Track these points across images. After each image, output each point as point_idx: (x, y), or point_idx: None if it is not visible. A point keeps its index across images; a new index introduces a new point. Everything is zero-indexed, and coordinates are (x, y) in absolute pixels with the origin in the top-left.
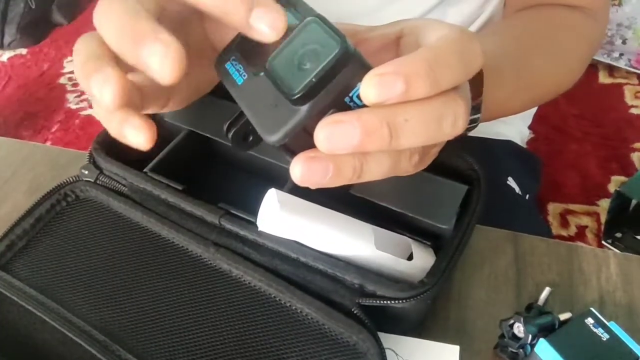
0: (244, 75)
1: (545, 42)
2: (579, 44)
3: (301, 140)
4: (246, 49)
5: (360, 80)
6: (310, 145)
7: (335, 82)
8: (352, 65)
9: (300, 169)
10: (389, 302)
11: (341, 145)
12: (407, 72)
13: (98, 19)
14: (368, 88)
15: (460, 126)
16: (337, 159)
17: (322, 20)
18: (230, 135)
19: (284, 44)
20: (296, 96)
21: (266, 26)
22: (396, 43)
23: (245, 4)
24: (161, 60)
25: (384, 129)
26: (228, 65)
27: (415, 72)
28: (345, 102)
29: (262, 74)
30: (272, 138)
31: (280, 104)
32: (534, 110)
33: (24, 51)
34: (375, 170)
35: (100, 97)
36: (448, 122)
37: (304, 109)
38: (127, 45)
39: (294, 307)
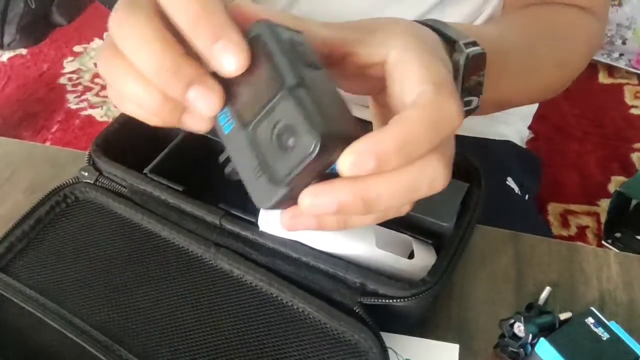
0: (231, 123)
1: (549, 34)
2: (580, 40)
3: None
4: (232, 91)
5: (340, 153)
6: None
7: (317, 165)
8: (330, 147)
9: (287, 223)
10: (390, 300)
11: (322, 211)
12: (379, 151)
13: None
14: (343, 165)
15: (439, 185)
16: (321, 217)
17: (300, 90)
18: (226, 170)
19: (263, 113)
20: (279, 184)
21: (226, 60)
22: (381, 65)
23: (211, 32)
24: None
25: (357, 202)
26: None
27: (386, 150)
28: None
29: (249, 129)
30: (263, 206)
31: (265, 171)
32: (534, 110)
33: (23, 51)
34: (360, 222)
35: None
36: (424, 186)
37: (288, 187)
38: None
39: (295, 307)
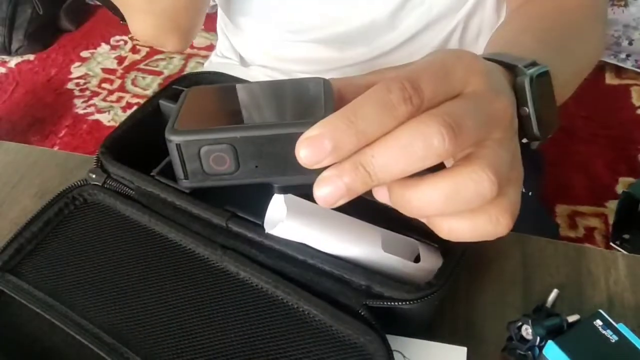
0: None
1: (574, 28)
2: (596, 22)
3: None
4: None
5: None
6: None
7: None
8: None
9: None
10: (396, 303)
11: (336, 198)
12: (330, 130)
13: None
14: (301, 153)
15: (436, 145)
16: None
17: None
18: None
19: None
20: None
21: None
22: None
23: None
24: None
25: (359, 169)
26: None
27: (335, 127)
28: None
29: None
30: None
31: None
32: None
33: (31, 57)
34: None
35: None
36: (418, 146)
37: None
38: None
39: (301, 309)
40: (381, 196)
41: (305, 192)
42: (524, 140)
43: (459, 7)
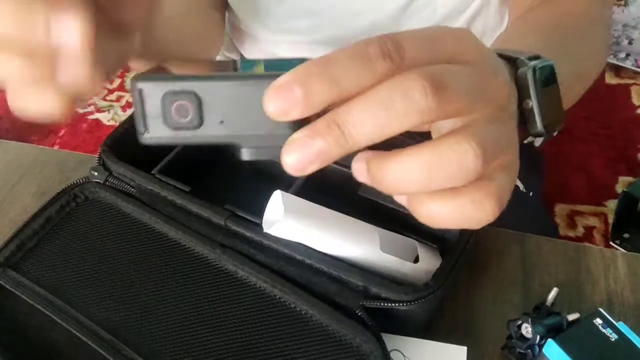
0: None
1: (577, 32)
2: (601, 27)
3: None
4: None
5: None
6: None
7: None
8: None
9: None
10: (393, 304)
11: (305, 163)
12: (301, 75)
13: None
14: (268, 102)
15: (417, 98)
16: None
17: None
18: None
19: None
20: None
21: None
22: None
23: None
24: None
25: (333, 128)
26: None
27: (307, 72)
28: None
29: None
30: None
31: None
32: None
33: None
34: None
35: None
36: (398, 99)
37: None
38: None
39: (298, 309)
40: (361, 175)
41: (275, 156)
42: (529, 139)
43: (463, 8)
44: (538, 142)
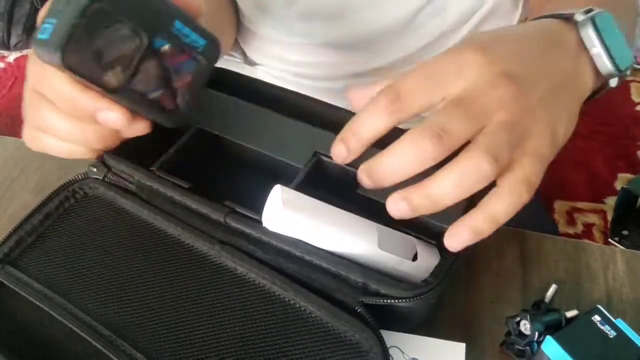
0: None
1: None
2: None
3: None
4: None
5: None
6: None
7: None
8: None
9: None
10: (392, 301)
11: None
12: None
13: None
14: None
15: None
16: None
17: None
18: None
19: None
20: None
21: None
22: None
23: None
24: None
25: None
26: None
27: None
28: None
29: None
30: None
31: None
32: None
33: (30, 52)
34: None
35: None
36: (414, 155)
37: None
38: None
39: (297, 305)
40: (403, 212)
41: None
42: (611, 81)
43: (472, 12)
44: (614, 82)
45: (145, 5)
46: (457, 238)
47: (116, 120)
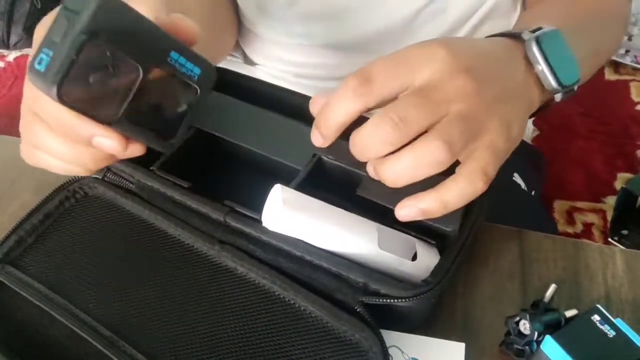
0: None
1: (594, 13)
2: (617, 17)
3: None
4: None
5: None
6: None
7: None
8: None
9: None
10: (392, 300)
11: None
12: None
13: None
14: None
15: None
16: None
17: None
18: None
19: None
20: None
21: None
22: None
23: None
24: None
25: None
26: None
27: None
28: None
29: None
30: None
31: None
32: None
33: (30, 51)
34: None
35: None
36: (377, 139)
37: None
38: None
39: (297, 305)
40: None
41: None
42: (555, 96)
43: (473, 12)
44: (558, 97)
45: (141, 38)
46: (407, 210)
47: (111, 146)
